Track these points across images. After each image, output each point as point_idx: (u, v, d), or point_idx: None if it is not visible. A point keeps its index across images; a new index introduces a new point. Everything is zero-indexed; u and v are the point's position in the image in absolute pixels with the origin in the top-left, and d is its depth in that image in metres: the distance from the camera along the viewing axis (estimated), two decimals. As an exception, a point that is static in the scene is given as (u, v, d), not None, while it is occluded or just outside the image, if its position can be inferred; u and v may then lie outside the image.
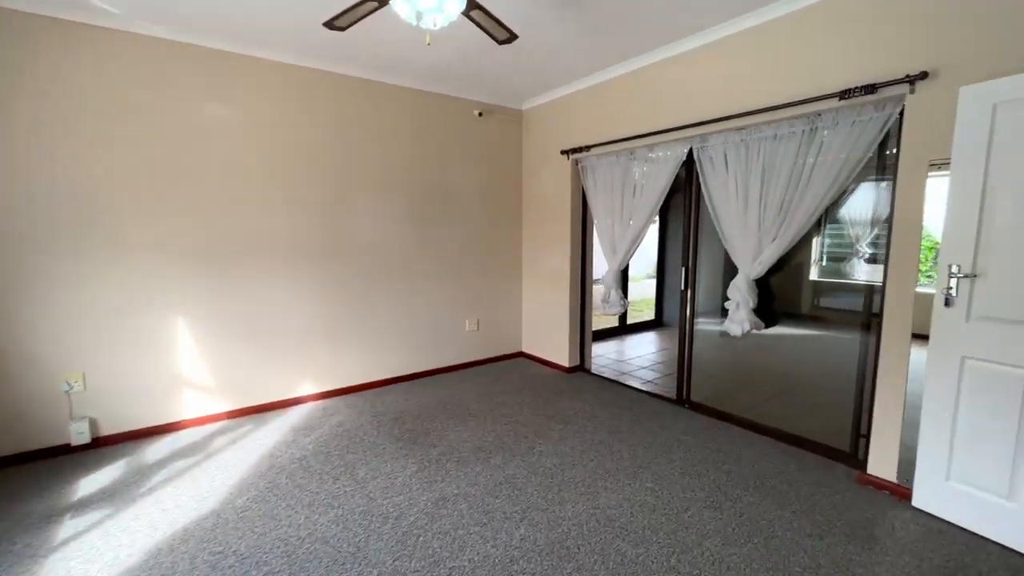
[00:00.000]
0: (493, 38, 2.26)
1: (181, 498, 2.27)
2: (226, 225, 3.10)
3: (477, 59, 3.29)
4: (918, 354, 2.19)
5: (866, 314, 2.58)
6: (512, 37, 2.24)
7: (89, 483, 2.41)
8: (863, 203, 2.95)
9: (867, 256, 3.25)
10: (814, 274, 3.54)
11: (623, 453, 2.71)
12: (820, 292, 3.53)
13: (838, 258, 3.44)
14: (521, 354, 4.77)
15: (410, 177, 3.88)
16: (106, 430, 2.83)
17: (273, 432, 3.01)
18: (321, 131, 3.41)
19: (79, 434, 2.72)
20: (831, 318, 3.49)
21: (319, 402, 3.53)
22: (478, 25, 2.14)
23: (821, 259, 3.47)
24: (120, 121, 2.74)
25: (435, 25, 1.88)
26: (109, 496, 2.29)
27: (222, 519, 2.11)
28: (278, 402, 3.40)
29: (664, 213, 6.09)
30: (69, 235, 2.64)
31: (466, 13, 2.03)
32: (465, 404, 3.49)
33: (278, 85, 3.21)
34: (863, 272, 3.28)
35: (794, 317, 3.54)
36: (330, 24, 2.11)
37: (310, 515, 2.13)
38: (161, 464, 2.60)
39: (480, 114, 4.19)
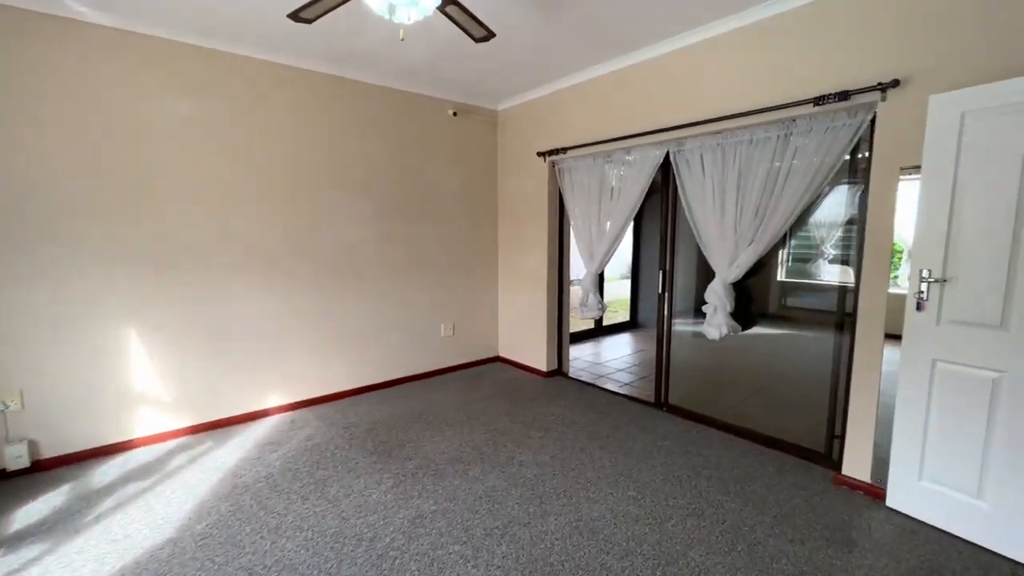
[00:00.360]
0: (470, 36, 2.17)
1: (132, 526, 2.09)
2: (183, 227, 2.90)
3: (452, 57, 3.20)
4: (890, 353, 2.23)
5: (839, 314, 2.62)
6: (489, 35, 2.17)
7: (27, 513, 2.19)
8: (828, 206, 3.03)
9: (831, 257, 3.35)
10: (782, 275, 3.62)
11: (604, 460, 2.67)
12: (787, 292, 3.62)
13: (804, 259, 3.53)
14: (498, 359, 4.69)
15: (382, 177, 3.74)
16: (48, 453, 2.60)
17: (236, 448, 2.83)
18: (287, 129, 3.24)
19: (16, 458, 2.48)
20: (799, 317, 3.58)
21: (287, 414, 3.36)
22: (454, 21, 2.05)
23: (788, 260, 3.56)
24: (67, 116, 2.51)
25: (409, 20, 1.78)
26: (50, 527, 2.09)
27: (179, 548, 1.95)
28: (242, 415, 3.21)
29: (638, 215, 6.13)
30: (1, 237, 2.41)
31: (442, 8, 1.94)
32: (442, 412, 3.38)
33: (241, 80, 3.03)
34: (828, 273, 3.37)
35: (764, 317, 3.61)
36: (295, 16, 1.98)
37: (276, 540, 1.99)
38: (110, 489, 2.40)
39: (455, 114, 4.09)
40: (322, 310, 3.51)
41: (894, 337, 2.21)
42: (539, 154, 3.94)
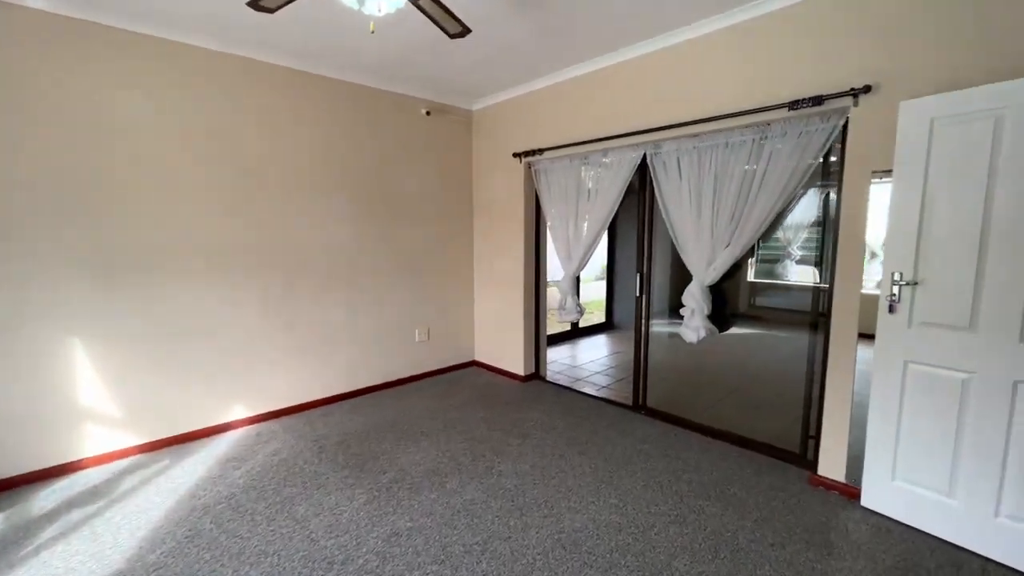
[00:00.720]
0: (444, 31, 2.08)
1: (76, 558, 1.91)
2: (135, 229, 2.70)
3: (426, 54, 3.10)
4: (864, 352, 2.27)
5: (813, 315, 2.65)
6: (464, 31, 2.08)
7: (-47, 547, 1.98)
8: (794, 208, 3.09)
9: (798, 258, 3.42)
10: (751, 275, 3.69)
11: (584, 467, 2.62)
12: (757, 292, 3.69)
13: (772, 260, 3.60)
14: (474, 363, 4.60)
15: (354, 178, 3.60)
16: (-21, 478, 2.37)
17: (196, 466, 2.65)
18: (250, 126, 3.07)
19: (-59, 485, 2.25)
20: (769, 317, 3.65)
21: (252, 427, 3.18)
22: (427, 15, 1.96)
23: (756, 261, 3.62)
24: (4, 105, 2.29)
25: (379, 11, 1.68)
26: (-21, 563, 1.89)
27: (129, 581, 1.79)
28: (203, 430, 3.01)
29: (613, 216, 6.16)
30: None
31: (414, 1, 1.85)
32: (417, 421, 3.27)
33: (199, 73, 2.84)
34: (794, 273, 3.45)
35: (736, 316, 3.66)
36: (256, 4, 1.85)
37: (239, 568, 1.86)
38: (52, 516, 2.19)
39: (428, 113, 3.98)
40: (288, 316, 3.34)
41: (867, 337, 2.25)
42: (515, 155, 3.87)
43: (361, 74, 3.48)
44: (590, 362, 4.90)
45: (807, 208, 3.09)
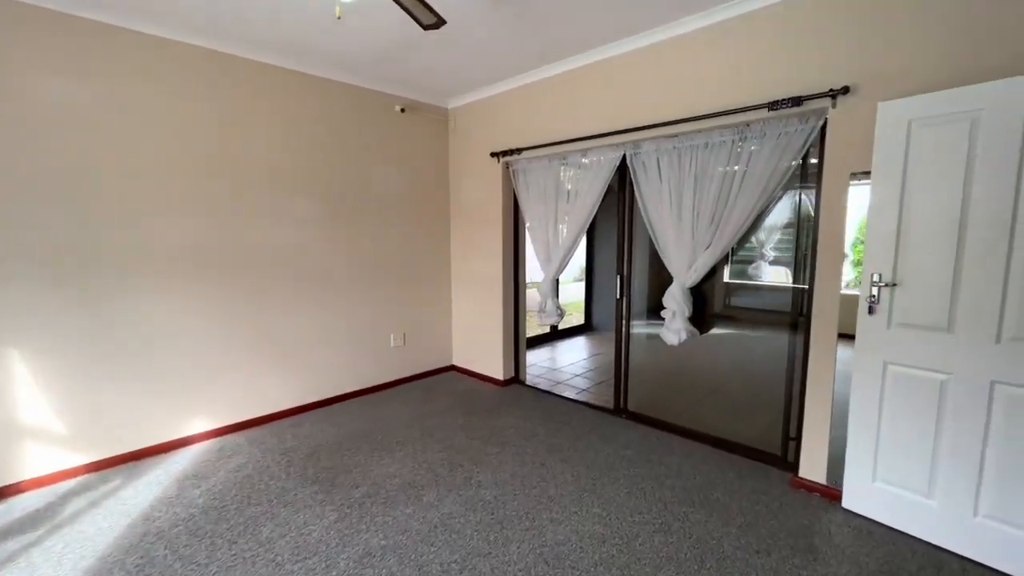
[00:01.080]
0: (418, 22, 1.98)
1: (9, 595, 1.73)
2: (77, 230, 2.49)
3: (398, 48, 2.98)
4: (842, 352, 2.27)
5: (793, 315, 2.64)
6: (439, 22, 1.99)
7: None
8: (773, 210, 3.10)
9: (772, 259, 3.44)
10: (727, 276, 3.69)
11: (566, 475, 2.55)
12: (732, 293, 3.70)
13: (746, 261, 3.62)
14: (452, 368, 4.48)
15: (324, 177, 3.44)
16: (-101, 506, 2.13)
17: (151, 486, 2.46)
18: (212, 122, 2.89)
19: None
20: (746, 317, 3.65)
21: (215, 441, 2.99)
22: (400, 4, 1.85)
23: (731, 262, 3.63)
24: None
25: (347, -3, 1.57)
26: None
27: (68, 620, 1.62)
28: (159, 445, 2.81)
29: (594, 219, 6.15)
30: None
31: (385, -12, 1.74)
32: (392, 430, 3.14)
33: (148, 61, 2.65)
34: (767, 274, 3.46)
35: (714, 317, 3.66)
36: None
37: (195, 598, 1.71)
38: (-17, 547, 1.99)
39: (403, 110, 3.85)
40: (255, 322, 3.17)
41: (846, 336, 2.25)
42: (492, 154, 3.78)
43: (329, 68, 3.33)
44: (570, 365, 4.85)
45: (781, 210, 3.10)
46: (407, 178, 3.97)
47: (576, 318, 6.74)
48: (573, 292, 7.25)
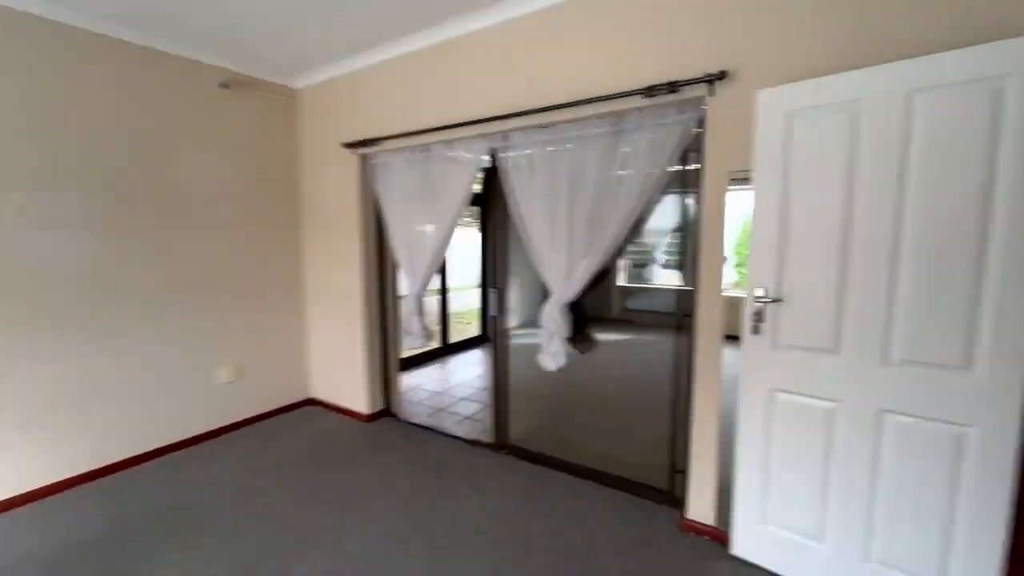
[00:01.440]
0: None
1: None
2: None
3: (189, -4, 2.23)
4: (732, 355, 1.97)
5: (678, 316, 2.35)
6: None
7: None
8: (658, 213, 2.85)
9: (663, 262, 3.22)
10: (622, 279, 3.42)
11: (419, 551, 2.01)
12: (628, 296, 3.43)
13: (641, 264, 3.38)
14: (311, 402, 3.73)
15: (102, 167, 2.55)
16: None
17: None
18: None
19: None
20: (640, 320, 3.39)
21: (-103, 553, 2.01)
22: None
23: (630, 265, 3.36)
24: None
25: None
26: None
27: None
28: None
29: (484, 217, 5.69)
30: None
31: None
32: (200, 502, 2.37)
33: None
34: (660, 277, 3.25)
35: (607, 321, 3.35)
36: None
37: None
38: None
39: (226, 86, 3.05)
40: (-20, 371, 2.22)
41: (733, 338, 1.95)
42: (345, 145, 3.13)
43: (105, 22, 2.47)
44: (459, 385, 4.33)
45: (669, 214, 2.86)
46: (238, 172, 3.17)
47: (474, 328, 6.26)
48: (469, 300, 6.76)
